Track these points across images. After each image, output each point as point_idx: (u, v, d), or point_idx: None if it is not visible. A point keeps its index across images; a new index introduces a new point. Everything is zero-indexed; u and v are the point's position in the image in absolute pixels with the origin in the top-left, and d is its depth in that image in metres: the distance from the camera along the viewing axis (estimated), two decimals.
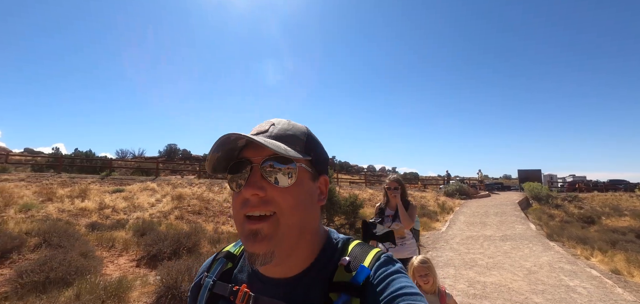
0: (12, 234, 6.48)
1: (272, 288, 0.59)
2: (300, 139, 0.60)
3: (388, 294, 0.52)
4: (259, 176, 0.55)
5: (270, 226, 0.54)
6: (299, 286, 0.58)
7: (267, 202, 0.54)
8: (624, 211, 18.25)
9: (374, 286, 0.54)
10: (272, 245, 0.53)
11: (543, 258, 6.56)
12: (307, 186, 0.59)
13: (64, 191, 11.84)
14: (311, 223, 0.60)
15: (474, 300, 4.31)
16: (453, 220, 12.60)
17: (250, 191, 0.53)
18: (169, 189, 13.83)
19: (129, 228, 8.51)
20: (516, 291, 4.65)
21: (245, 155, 0.57)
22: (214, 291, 0.63)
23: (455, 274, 5.54)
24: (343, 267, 0.57)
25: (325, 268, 0.59)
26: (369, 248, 0.61)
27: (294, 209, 0.55)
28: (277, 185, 0.55)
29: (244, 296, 0.59)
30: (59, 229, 6.96)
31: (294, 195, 0.56)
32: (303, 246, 0.59)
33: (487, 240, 8.59)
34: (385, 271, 0.55)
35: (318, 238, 0.62)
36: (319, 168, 0.63)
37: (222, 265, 0.67)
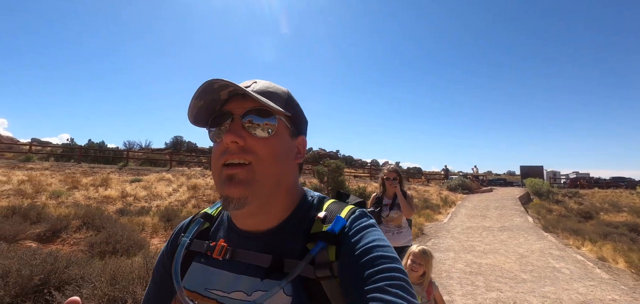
0: (56, 217, 7.28)
1: (249, 241, 0.61)
2: (281, 97, 0.62)
3: (363, 245, 0.54)
4: (239, 126, 0.57)
5: (246, 172, 0.56)
6: (276, 238, 0.60)
7: (246, 151, 0.56)
8: (623, 208, 18.88)
9: (349, 236, 0.57)
10: (247, 190, 0.55)
11: (535, 246, 7.27)
12: (286, 141, 0.62)
13: (87, 180, 12.66)
14: (287, 178, 0.62)
15: (470, 276, 5.03)
16: (455, 213, 13.30)
17: (230, 138, 0.56)
18: (183, 179, 14.62)
19: (154, 214, 9.30)
20: (508, 270, 5.37)
21: (227, 108, 0.60)
22: (191, 248, 0.65)
23: (454, 257, 6.26)
24: (320, 220, 0.60)
25: (302, 221, 0.61)
26: (344, 204, 0.64)
27: (271, 160, 0.58)
28: (256, 135, 0.58)
29: (222, 250, 0.61)
30: (95, 213, 7.74)
31: (271, 146, 0.58)
32: (279, 199, 0.61)
33: (486, 230, 9.30)
34: (360, 223, 0.58)
35: (294, 195, 0.64)
36: (298, 127, 0.66)
37: (199, 225, 0.69)
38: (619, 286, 4.65)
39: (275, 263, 0.56)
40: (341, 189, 8.83)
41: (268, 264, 0.56)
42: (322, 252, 0.55)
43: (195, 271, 0.63)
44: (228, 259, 0.60)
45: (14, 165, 13.67)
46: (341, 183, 8.23)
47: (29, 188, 10.89)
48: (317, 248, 0.55)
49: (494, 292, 4.34)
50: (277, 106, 0.58)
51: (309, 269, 0.54)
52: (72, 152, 19.89)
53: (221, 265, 0.60)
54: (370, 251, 0.53)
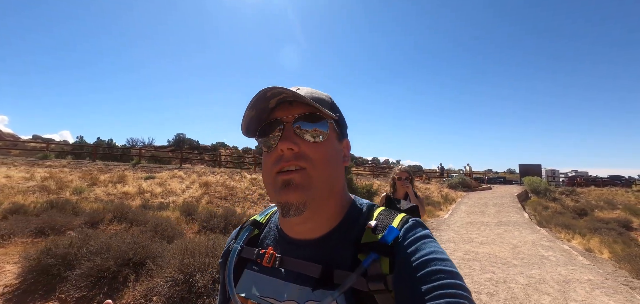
0: (89, 211, 8.03)
1: (298, 248, 0.61)
2: (326, 101, 0.63)
3: (419, 257, 0.52)
4: (292, 133, 0.58)
5: (302, 177, 0.57)
6: (325, 247, 0.59)
7: (300, 157, 0.57)
8: (618, 205, 19.69)
9: (404, 247, 0.54)
10: (305, 194, 0.56)
11: (528, 238, 8.04)
12: (335, 145, 0.63)
13: (105, 177, 13.39)
14: (338, 182, 0.63)
15: (468, 262, 5.80)
16: (455, 209, 14.09)
17: (286, 145, 0.56)
18: (195, 177, 15.37)
19: (174, 209, 10.05)
20: (501, 257, 6.14)
21: (276, 116, 0.60)
22: (242, 255, 0.67)
23: (454, 247, 7.03)
24: (370, 229, 0.58)
25: (351, 230, 0.60)
26: (395, 212, 0.62)
27: (324, 163, 0.59)
28: (309, 140, 0.59)
29: (271, 258, 0.62)
30: (125, 208, 8.48)
31: (324, 150, 0.59)
32: (330, 205, 0.61)
33: (484, 225, 10.08)
34: (415, 233, 0.56)
35: (344, 201, 0.64)
36: (343, 130, 0.68)
37: (249, 232, 0.71)
38: (596, 270, 5.43)
39: (324, 273, 0.56)
40: (350, 185, 9.58)
41: (318, 275, 0.56)
42: (374, 264, 0.54)
43: (247, 278, 0.64)
44: (277, 267, 0.61)
45: (33, 163, 14.39)
46: (350, 180, 8.98)
47: (53, 184, 11.63)
48: (369, 260, 0.54)
49: (488, 274, 5.11)
50: (325, 110, 0.59)
51: (362, 282, 0.53)
52: (81, 150, 20.59)
53: (271, 273, 0.62)
54: (428, 264, 0.51)
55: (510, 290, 4.42)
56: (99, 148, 23.38)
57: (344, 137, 0.68)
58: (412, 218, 0.60)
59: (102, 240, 3.74)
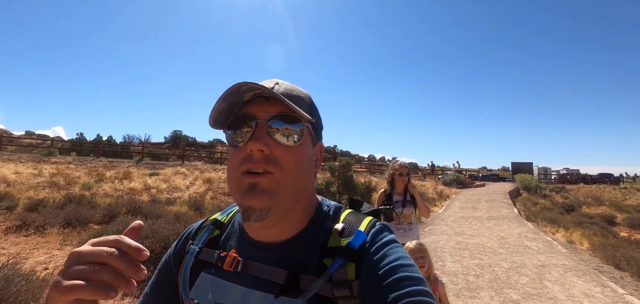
0: (104, 205, 8.55)
1: (262, 252, 0.59)
2: (305, 101, 0.61)
3: (386, 263, 0.52)
4: (264, 132, 0.54)
5: (269, 182, 0.53)
6: (291, 251, 0.58)
7: (270, 160, 0.54)
8: (604, 202, 20.67)
9: (370, 253, 0.54)
10: (270, 201, 0.53)
11: (515, 231, 8.78)
12: (308, 149, 0.60)
13: (110, 174, 13.86)
14: (308, 187, 0.61)
15: (459, 251, 6.47)
16: (449, 205, 14.83)
17: (257, 146, 0.53)
18: (197, 173, 15.89)
19: (182, 204, 10.60)
20: (489, 247, 6.83)
21: (249, 110, 0.57)
22: (200, 257, 0.63)
23: (447, 238, 7.71)
24: (337, 233, 0.57)
25: (318, 233, 0.59)
26: (362, 216, 0.61)
27: (295, 169, 0.56)
28: (282, 143, 0.55)
29: (233, 261, 0.58)
30: (138, 202, 9.02)
31: (296, 155, 0.56)
32: (297, 209, 0.59)
33: (476, 219, 10.81)
34: (382, 238, 0.56)
35: (311, 204, 0.63)
36: (318, 133, 0.65)
37: (208, 233, 0.67)
38: (572, 257, 6.14)
39: (290, 279, 0.54)
40: (350, 182, 10.20)
41: (283, 281, 0.54)
42: (340, 269, 0.53)
43: (204, 282, 0.61)
44: (239, 271, 0.58)
45: (39, 159, 14.77)
46: (350, 178, 9.62)
47: (61, 180, 12.09)
48: (336, 265, 0.53)
49: (476, 260, 5.79)
50: (303, 112, 0.57)
51: (327, 287, 0.52)
52: (81, 146, 20.92)
53: (232, 278, 0.58)
54: (395, 271, 0.51)
55: (494, 272, 5.10)
56: (99, 145, 23.72)
57: (319, 140, 0.65)
58: (378, 222, 0.60)
59: (147, 226, 4.33)
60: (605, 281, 4.81)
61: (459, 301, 4.01)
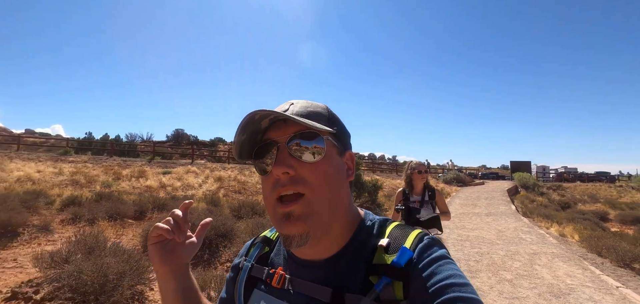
0: (131, 202, 9.31)
1: (307, 269, 0.60)
2: (322, 114, 0.61)
3: (436, 282, 0.49)
4: (286, 154, 0.56)
5: (302, 207, 0.54)
6: (335, 268, 0.58)
7: (297, 181, 0.55)
8: (600, 199, 21.60)
9: (418, 270, 0.52)
10: (306, 225, 0.54)
11: (511, 225, 9.62)
12: (335, 161, 0.60)
13: (126, 172, 14.61)
14: (343, 200, 0.60)
15: (460, 242, 7.29)
16: (450, 202, 15.67)
17: (280, 170, 0.54)
18: (208, 172, 16.65)
19: (199, 201, 11.37)
20: (487, 239, 7.66)
21: (269, 136, 0.58)
22: (252, 274, 0.67)
23: (449, 232, 8.53)
24: (382, 248, 0.56)
25: (362, 249, 0.58)
26: (409, 229, 0.59)
27: (324, 185, 0.56)
28: (306, 161, 0.56)
29: (280, 278, 0.61)
30: (160, 199, 9.78)
31: (322, 170, 0.57)
32: (336, 224, 0.59)
33: (475, 215, 11.65)
34: (430, 254, 0.53)
35: (351, 217, 0.62)
36: (344, 142, 0.64)
37: (259, 250, 0.71)
38: (560, 247, 6.97)
39: (335, 297, 0.54)
40: (359, 180, 10.99)
41: (328, 299, 0.54)
42: (387, 288, 0.52)
43: (257, 297, 0.64)
44: (286, 289, 0.60)
45: (57, 158, 15.49)
46: (358, 176, 10.41)
47: (82, 178, 12.83)
48: (382, 284, 0.52)
49: (476, 249, 6.62)
50: (321, 125, 0.57)
51: None
52: (90, 146, 21.63)
53: (280, 294, 0.61)
54: (446, 290, 0.48)
55: (492, 259, 5.92)
56: (112, 144, 24.41)
57: (347, 150, 0.65)
58: (427, 236, 0.57)
59: (195, 217, 5.13)
60: (586, 266, 5.63)
61: None
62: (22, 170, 12.64)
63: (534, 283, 4.69)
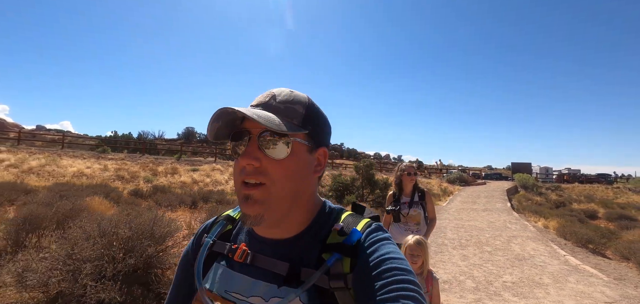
0: (180, 194, 11.37)
1: (269, 247, 0.68)
2: (298, 112, 0.66)
3: (377, 257, 0.60)
4: (255, 147, 0.62)
5: (261, 193, 0.62)
6: (295, 247, 0.67)
7: (261, 172, 0.62)
8: (595, 200, 23.45)
9: (364, 248, 0.63)
10: (262, 209, 0.61)
11: (503, 218, 11.61)
12: (303, 158, 0.66)
13: (161, 169, 16.70)
14: (305, 192, 0.68)
15: (457, 230, 9.30)
16: (452, 200, 17.67)
17: (246, 161, 0.61)
18: (231, 169, 18.72)
19: (231, 195, 13.42)
20: (479, 227, 9.66)
21: (245, 125, 0.65)
22: (214, 249, 0.73)
23: (448, 222, 10.54)
24: (336, 231, 0.66)
25: (320, 232, 0.68)
26: (360, 217, 0.71)
27: (286, 180, 0.63)
28: (271, 156, 0.62)
29: (243, 253, 0.68)
30: (204, 192, 11.83)
31: (286, 166, 0.63)
32: (297, 212, 0.67)
33: (473, 211, 13.64)
34: (375, 236, 0.65)
35: (313, 206, 0.71)
36: (318, 140, 0.70)
37: (221, 227, 0.77)
38: (536, 233, 8.97)
39: (292, 271, 0.63)
40: (372, 179, 12.98)
41: (285, 272, 0.63)
42: (337, 263, 0.61)
43: (216, 272, 0.71)
44: (248, 263, 0.67)
45: (98, 156, 17.61)
46: (372, 175, 12.42)
47: (126, 174, 14.94)
48: (333, 259, 0.61)
49: (468, 233, 8.63)
50: (293, 126, 0.64)
51: (324, 279, 0.60)
52: (116, 143, 23.75)
53: (241, 269, 0.68)
54: (384, 262, 0.58)
55: (479, 239, 7.93)
56: (144, 143, 26.53)
57: (320, 146, 0.71)
58: (375, 223, 0.68)
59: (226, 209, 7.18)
60: (550, 244, 7.63)
61: (455, 251, 6.82)
62: (74, 166, 14.76)
63: (506, 254, 6.69)
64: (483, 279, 5.13)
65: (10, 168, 13.29)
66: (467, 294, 4.50)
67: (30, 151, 16.40)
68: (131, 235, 2.93)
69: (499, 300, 4.32)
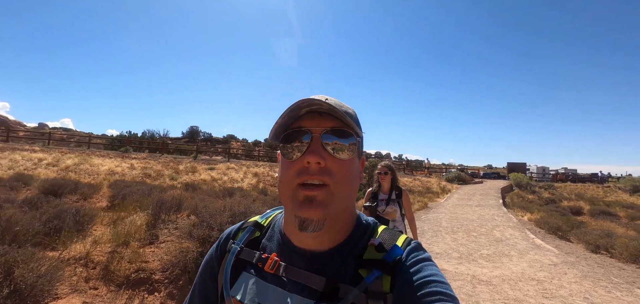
0: (208, 189, 13.22)
1: (303, 259, 0.67)
2: (353, 117, 0.67)
3: (420, 278, 0.59)
4: (319, 146, 0.62)
5: (325, 195, 0.61)
6: (331, 261, 0.65)
7: (325, 172, 0.62)
8: (584, 197, 25.48)
9: (406, 267, 0.62)
10: (326, 212, 0.61)
11: (492, 212, 13.57)
12: (356, 163, 0.68)
13: (182, 168, 18.53)
14: (352, 200, 0.69)
15: (450, 220, 11.23)
16: (449, 197, 19.63)
17: (314, 158, 0.60)
18: (245, 168, 20.61)
19: (252, 189, 15.29)
20: (470, 219, 11.61)
21: (303, 124, 0.64)
22: (241, 257, 0.72)
23: (444, 215, 12.47)
24: (374, 247, 0.65)
25: (356, 246, 0.67)
26: (397, 233, 0.70)
27: (346, 181, 0.64)
28: (337, 156, 0.63)
29: (274, 264, 0.66)
30: (230, 188, 13.69)
31: (348, 168, 0.65)
32: (341, 221, 0.67)
33: (467, 206, 15.59)
34: (417, 255, 0.64)
35: (352, 217, 0.71)
36: (362, 147, 0.74)
37: (249, 234, 0.76)
38: (516, 223, 10.91)
39: (329, 286, 0.61)
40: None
41: (322, 288, 0.61)
42: (376, 281, 0.60)
43: (245, 281, 0.69)
44: (279, 275, 0.66)
45: (122, 155, 19.42)
46: None
47: (152, 172, 16.77)
48: (372, 277, 0.60)
49: (460, 222, 10.57)
50: (355, 126, 0.65)
51: (362, 298, 0.59)
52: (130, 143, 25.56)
53: (272, 280, 0.67)
54: (428, 285, 0.57)
55: (467, 227, 9.88)
56: (163, 143, 28.30)
57: (362, 154, 0.74)
58: (414, 241, 0.68)
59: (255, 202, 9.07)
60: (525, 231, 9.58)
61: (447, 235, 8.72)
62: (105, 165, 16.58)
63: (488, 238, 8.62)
64: (466, 252, 7.05)
65: (50, 167, 15.12)
66: (453, 260, 6.41)
67: (61, 151, 18.19)
68: (244, 210, 4.83)
69: (475, 264, 6.23)
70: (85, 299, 3.41)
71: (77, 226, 4.46)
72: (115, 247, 4.18)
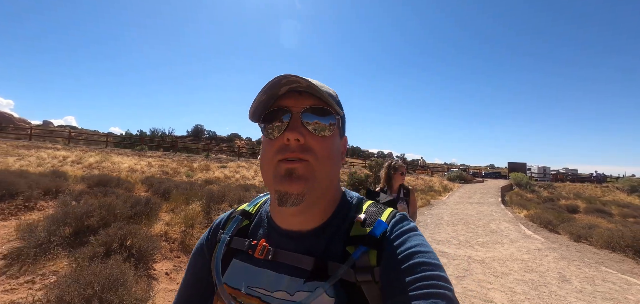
0: (224, 185, 14.41)
1: (290, 240, 0.69)
2: (333, 96, 0.69)
3: (405, 249, 0.61)
4: (299, 123, 0.64)
5: (305, 168, 0.63)
6: (318, 239, 0.68)
7: (305, 148, 0.64)
8: (582, 196, 26.66)
9: (391, 240, 0.64)
10: (306, 186, 0.63)
11: (490, 208, 14.76)
12: (336, 142, 0.70)
13: (196, 165, 19.72)
14: (336, 178, 0.71)
15: (452, 216, 12.42)
16: (451, 195, 20.84)
17: (293, 135, 0.62)
18: (255, 167, 21.78)
19: (264, 187, 16.47)
20: (469, 214, 12.80)
21: (283, 103, 0.66)
22: (231, 246, 0.74)
23: (446, 211, 13.66)
24: (359, 223, 0.68)
25: (342, 223, 0.69)
26: (383, 207, 0.72)
27: (327, 159, 0.66)
28: (316, 133, 0.65)
29: (263, 249, 0.69)
30: (246, 185, 14.88)
31: (328, 145, 0.66)
32: (325, 199, 0.69)
33: (468, 204, 16.79)
34: (401, 227, 0.66)
35: (337, 195, 0.73)
36: (344, 127, 0.76)
37: (238, 222, 0.78)
38: (512, 218, 12.10)
39: (317, 265, 0.64)
40: None
41: (311, 267, 0.64)
42: (363, 256, 0.62)
43: (236, 268, 0.71)
44: (270, 259, 0.68)
45: (138, 153, 20.60)
46: None
47: (169, 170, 17.96)
48: (359, 252, 0.63)
49: (460, 217, 11.76)
50: (334, 105, 0.66)
51: (350, 273, 0.61)
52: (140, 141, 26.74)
53: (263, 264, 0.69)
54: (413, 256, 0.59)
55: (467, 221, 11.07)
56: (176, 142, 29.46)
57: (343, 134, 0.76)
58: (399, 213, 0.70)
59: None
60: (519, 224, 10.77)
61: (448, 227, 9.91)
62: (125, 163, 17.78)
63: (484, 229, 9.81)
64: (464, 240, 8.24)
65: (75, 164, 16.32)
66: (453, 246, 7.60)
67: (82, 149, 19.39)
68: None
69: (471, 249, 7.41)
70: (175, 264, 4.61)
71: (150, 212, 5.63)
72: (185, 228, 5.38)
